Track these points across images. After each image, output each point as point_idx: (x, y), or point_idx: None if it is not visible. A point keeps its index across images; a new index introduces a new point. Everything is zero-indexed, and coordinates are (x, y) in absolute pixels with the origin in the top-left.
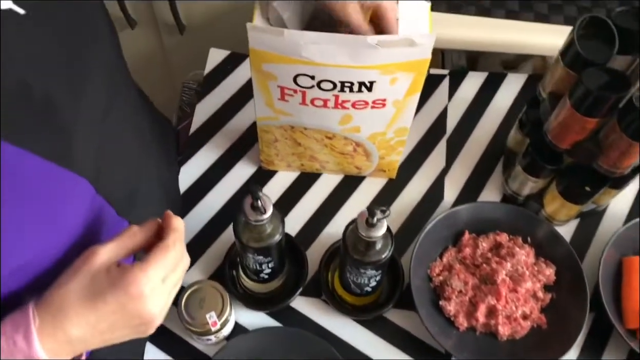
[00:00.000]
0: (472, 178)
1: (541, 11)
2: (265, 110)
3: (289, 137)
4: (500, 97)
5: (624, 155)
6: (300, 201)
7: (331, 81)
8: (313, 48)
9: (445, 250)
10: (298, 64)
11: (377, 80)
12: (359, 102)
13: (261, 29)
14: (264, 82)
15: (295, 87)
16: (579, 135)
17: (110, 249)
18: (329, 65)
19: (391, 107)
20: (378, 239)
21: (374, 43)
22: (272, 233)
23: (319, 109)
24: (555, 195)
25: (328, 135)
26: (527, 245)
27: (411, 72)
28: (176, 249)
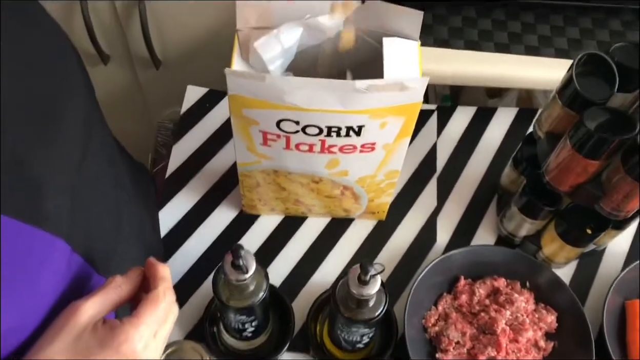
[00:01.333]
0: (465, 218)
1: (531, 44)
2: (247, 155)
3: (272, 181)
4: (491, 132)
5: (628, 197)
6: (285, 248)
7: (317, 126)
8: (298, 93)
9: (440, 297)
10: (282, 110)
11: (366, 124)
12: (347, 147)
13: (241, 74)
14: (244, 128)
15: (279, 132)
16: (580, 178)
17: (94, 304)
18: (315, 111)
19: (381, 150)
20: (371, 297)
21: (363, 88)
22: (255, 291)
23: (304, 153)
24: (554, 237)
25: (314, 179)
26: (526, 290)
27: (402, 115)
28: (166, 300)
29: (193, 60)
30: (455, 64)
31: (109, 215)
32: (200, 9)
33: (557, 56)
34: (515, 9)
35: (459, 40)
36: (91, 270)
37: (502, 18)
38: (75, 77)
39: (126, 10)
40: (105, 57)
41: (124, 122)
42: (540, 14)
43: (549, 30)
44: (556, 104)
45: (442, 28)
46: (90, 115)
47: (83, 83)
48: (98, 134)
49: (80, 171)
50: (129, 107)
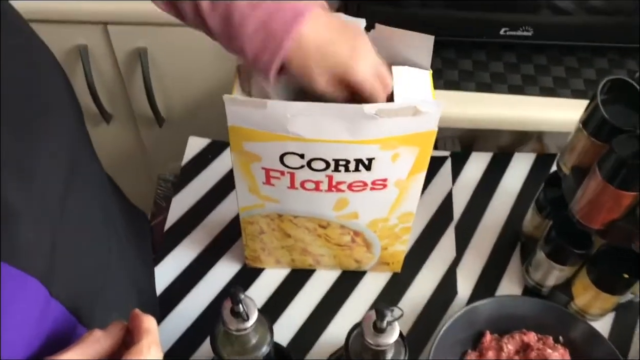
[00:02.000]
0: (488, 269)
1: (546, 85)
2: (249, 197)
3: (277, 227)
4: (509, 177)
5: None
6: (292, 303)
7: (323, 159)
8: (301, 121)
9: (465, 355)
10: (285, 141)
11: (376, 157)
12: (357, 184)
13: (240, 102)
14: (246, 165)
15: (282, 169)
16: (613, 213)
17: (72, 356)
18: (321, 141)
19: (393, 188)
20: (389, 347)
21: (372, 112)
22: (258, 344)
23: (310, 192)
24: (587, 285)
25: (322, 223)
26: (559, 345)
27: (415, 146)
28: (151, 355)
29: (196, 116)
30: (467, 107)
31: (95, 260)
32: (203, 64)
33: (573, 97)
34: (527, 51)
35: (469, 82)
36: (74, 320)
37: (514, 60)
38: (59, 99)
39: (128, 68)
40: (108, 117)
41: (125, 181)
42: (552, 56)
43: (563, 71)
44: (581, 135)
45: (453, 72)
46: (76, 144)
47: (69, 105)
48: (86, 167)
49: (63, 209)
50: (131, 166)
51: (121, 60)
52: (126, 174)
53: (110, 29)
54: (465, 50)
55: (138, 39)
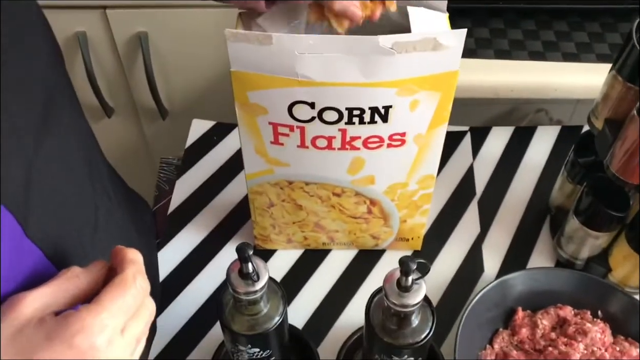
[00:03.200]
0: (515, 244)
1: (568, 50)
2: (256, 161)
3: (287, 197)
4: (534, 151)
5: None
6: (306, 286)
7: (336, 109)
8: (311, 61)
9: (496, 334)
10: (293, 87)
11: (393, 104)
12: (372, 139)
13: (244, 36)
14: (251, 120)
15: (291, 122)
16: None
17: (42, 295)
18: (333, 84)
19: (412, 144)
20: (415, 310)
21: (388, 46)
22: (270, 314)
23: (322, 152)
24: (627, 253)
25: (335, 191)
26: (599, 320)
27: (436, 91)
28: (137, 286)
29: (199, 105)
30: (487, 74)
31: (79, 211)
32: (205, 48)
33: (598, 61)
34: (546, 17)
35: (487, 49)
36: (54, 269)
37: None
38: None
39: (129, 55)
40: (109, 110)
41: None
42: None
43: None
44: (616, 82)
45: (469, 40)
46: (52, 83)
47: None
48: (66, 113)
49: (39, 146)
50: (134, 160)
51: (121, 47)
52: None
53: (110, 14)
54: (482, 18)
55: (138, 23)
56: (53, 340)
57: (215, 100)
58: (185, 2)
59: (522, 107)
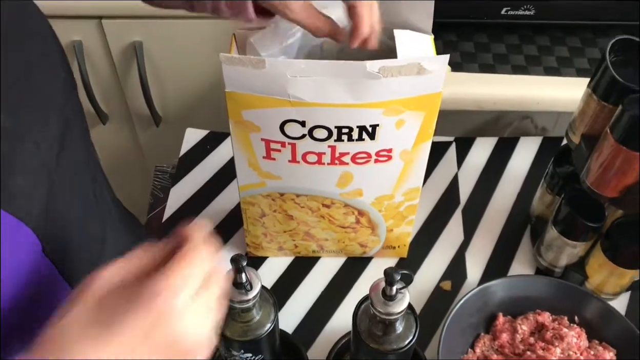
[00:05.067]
0: (497, 252)
1: (550, 65)
2: (249, 174)
3: (279, 208)
4: (516, 161)
5: None
6: (296, 292)
7: (325, 127)
8: (302, 83)
9: (478, 338)
10: (285, 107)
11: (380, 123)
12: (360, 155)
13: (238, 60)
14: (245, 136)
15: (283, 139)
16: (627, 178)
17: (118, 268)
18: (322, 105)
19: (398, 160)
20: (399, 318)
21: (375, 70)
22: (262, 321)
23: (312, 166)
24: (602, 261)
25: (325, 202)
26: (575, 325)
27: (421, 110)
28: (205, 255)
29: (193, 113)
30: (472, 87)
31: (88, 227)
32: (199, 58)
33: (578, 76)
34: (529, 32)
35: (472, 63)
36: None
37: (516, 42)
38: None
39: (124, 64)
40: (104, 117)
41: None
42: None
43: (567, 51)
44: (591, 100)
45: (455, 54)
46: (68, 105)
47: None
48: (77, 134)
49: (58, 164)
50: (128, 167)
51: (116, 56)
52: (123, 176)
53: (105, 24)
54: (467, 32)
55: (133, 32)
56: (132, 304)
57: (208, 109)
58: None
59: (508, 115)
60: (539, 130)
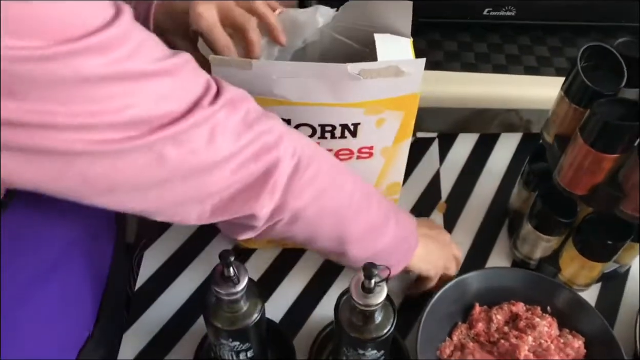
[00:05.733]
0: (476, 245)
1: (530, 64)
2: None
3: None
4: (496, 157)
5: None
6: (283, 283)
7: (310, 125)
8: (287, 83)
9: (455, 327)
10: (271, 106)
11: (361, 122)
12: (343, 152)
13: (226, 62)
14: None
15: None
16: (596, 177)
17: None
18: (307, 104)
19: (379, 157)
20: (378, 309)
21: (355, 72)
22: (249, 311)
23: None
24: (573, 255)
25: None
26: (547, 315)
27: (400, 110)
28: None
29: None
30: (454, 86)
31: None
32: None
33: (557, 75)
34: (510, 32)
35: (454, 62)
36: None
37: (498, 41)
38: None
39: None
40: None
41: None
42: (536, 36)
43: (547, 51)
44: (563, 103)
45: (438, 52)
46: None
47: None
48: None
49: None
50: None
51: None
52: None
53: None
54: (450, 31)
55: None
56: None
57: None
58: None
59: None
60: (524, 122)
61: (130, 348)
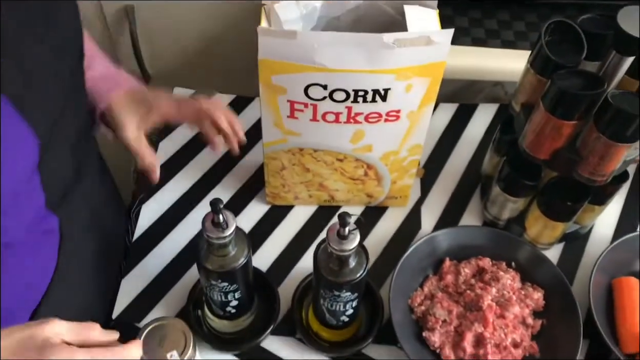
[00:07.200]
0: (450, 206)
1: (507, 39)
2: (273, 132)
3: (297, 162)
4: (473, 126)
5: (604, 159)
6: (271, 236)
7: (344, 90)
8: (327, 52)
9: (426, 279)
10: (310, 72)
11: (392, 87)
12: (372, 115)
13: (273, 32)
14: (272, 98)
15: (306, 100)
16: (556, 143)
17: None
18: (343, 71)
19: (405, 119)
20: (351, 254)
21: (390, 41)
22: (237, 256)
23: (330, 125)
24: (537, 216)
25: (339, 157)
26: (511, 270)
27: (427, 77)
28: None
29: (181, 72)
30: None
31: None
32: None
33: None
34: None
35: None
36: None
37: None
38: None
39: (116, 24)
40: None
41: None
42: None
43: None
44: (529, 73)
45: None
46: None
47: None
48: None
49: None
50: None
51: (109, 16)
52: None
53: None
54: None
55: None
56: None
57: (196, 70)
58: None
59: (481, 82)
60: (509, 96)
61: (127, 292)
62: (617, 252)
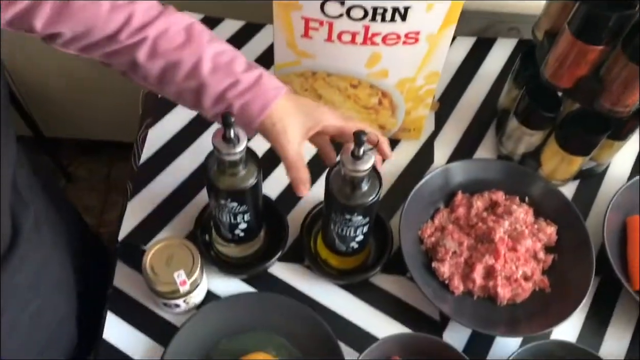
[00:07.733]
0: (464, 141)
1: None
2: (286, 53)
3: (310, 87)
4: (491, 60)
5: (628, 88)
6: (280, 164)
7: (362, 7)
8: None
9: (437, 212)
10: None
11: (412, 5)
12: (390, 36)
13: None
14: (286, 15)
15: (322, 18)
16: (580, 70)
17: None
18: None
19: (424, 43)
20: (365, 177)
21: None
22: (247, 176)
23: (345, 45)
24: (554, 151)
25: (353, 82)
26: (525, 204)
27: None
28: None
29: None
30: None
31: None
32: None
33: None
34: None
35: None
36: None
37: None
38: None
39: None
40: None
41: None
42: None
43: None
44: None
45: None
46: None
47: None
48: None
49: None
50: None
51: None
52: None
53: None
54: None
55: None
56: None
57: None
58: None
59: (497, 25)
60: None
61: (134, 215)
62: (633, 190)
